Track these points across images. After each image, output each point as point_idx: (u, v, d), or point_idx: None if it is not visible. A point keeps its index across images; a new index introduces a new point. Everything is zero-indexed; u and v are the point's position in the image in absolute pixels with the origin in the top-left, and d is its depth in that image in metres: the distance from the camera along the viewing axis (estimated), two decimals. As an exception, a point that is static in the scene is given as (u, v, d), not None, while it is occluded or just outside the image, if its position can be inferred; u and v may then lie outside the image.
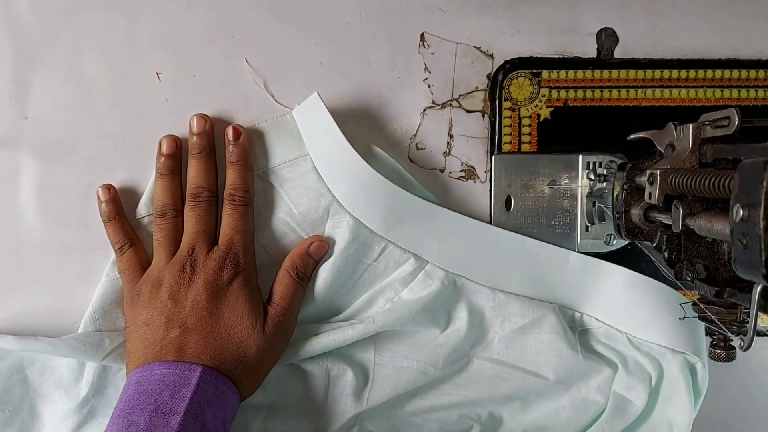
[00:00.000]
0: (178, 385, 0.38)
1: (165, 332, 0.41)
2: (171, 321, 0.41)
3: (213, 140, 0.46)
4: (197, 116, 0.46)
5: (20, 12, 0.47)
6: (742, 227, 0.26)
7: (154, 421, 0.36)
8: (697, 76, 0.48)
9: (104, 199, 0.45)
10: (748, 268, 0.26)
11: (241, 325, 0.42)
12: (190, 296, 0.42)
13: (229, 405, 0.40)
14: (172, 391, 0.37)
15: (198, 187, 0.44)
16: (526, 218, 0.48)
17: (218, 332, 0.41)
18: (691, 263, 0.36)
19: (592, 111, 0.48)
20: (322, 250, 0.46)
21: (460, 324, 0.46)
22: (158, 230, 0.44)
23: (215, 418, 0.38)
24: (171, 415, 0.36)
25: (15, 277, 0.47)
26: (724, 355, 0.37)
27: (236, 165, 0.45)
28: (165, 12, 0.47)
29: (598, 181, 0.45)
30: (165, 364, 0.39)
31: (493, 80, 0.48)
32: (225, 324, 0.42)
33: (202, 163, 0.45)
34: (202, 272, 0.42)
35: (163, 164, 0.45)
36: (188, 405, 0.37)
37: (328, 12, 0.48)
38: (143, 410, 0.37)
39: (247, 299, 0.43)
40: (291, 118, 0.47)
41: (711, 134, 0.35)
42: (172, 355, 0.40)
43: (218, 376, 0.40)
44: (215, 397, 0.39)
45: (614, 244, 0.47)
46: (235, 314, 0.42)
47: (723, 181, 0.29)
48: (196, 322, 0.41)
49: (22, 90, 0.47)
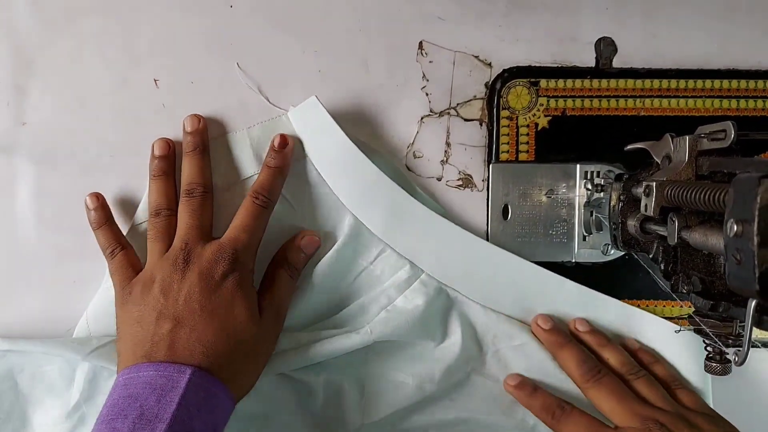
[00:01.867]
0: (166, 388, 0.36)
1: (156, 328, 0.39)
2: (162, 316, 0.40)
3: (207, 138, 0.46)
4: (190, 116, 0.46)
5: (19, 18, 0.47)
6: (736, 242, 0.25)
7: (138, 428, 0.35)
8: (696, 86, 0.48)
9: (92, 206, 0.45)
10: (741, 283, 0.26)
11: (235, 319, 0.41)
12: (184, 289, 0.41)
13: (221, 409, 0.39)
14: (159, 395, 0.36)
15: (192, 183, 0.44)
16: (523, 227, 0.48)
17: (211, 326, 0.40)
18: (687, 275, 0.36)
19: (590, 120, 0.48)
20: (314, 245, 0.45)
21: (455, 338, 0.46)
22: (152, 228, 0.44)
23: (205, 424, 0.37)
24: (156, 421, 0.35)
25: (11, 282, 0.47)
26: (720, 369, 0.37)
27: (272, 170, 0.44)
28: (163, 18, 0.47)
29: (595, 191, 0.45)
30: (153, 365, 0.38)
31: (491, 89, 0.48)
32: (219, 317, 0.40)
33: (196, 160, 0.45)
34: (196, 264, 0.41)
35: (156, 166, 0.45)
36: (175, 410, 0.36)
37: (327, 19, 0.48)
38: (127, 416, 0.35)
39: (243, 296, 0.41)
40: (287, 120, 0.47)
41: (707, 146, 0.35)
42: (162, 353, 0.38)
43: (209, 378, 0.38)
44: (205, 402, 0.37)
45: (611, 254, 0.47)
46: (229, 308, 0.41)
47: (718, 194, 0.29)
48: (189, 315, 0.40)
49: (19, 95, 0.47)
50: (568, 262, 0.48)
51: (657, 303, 0.47)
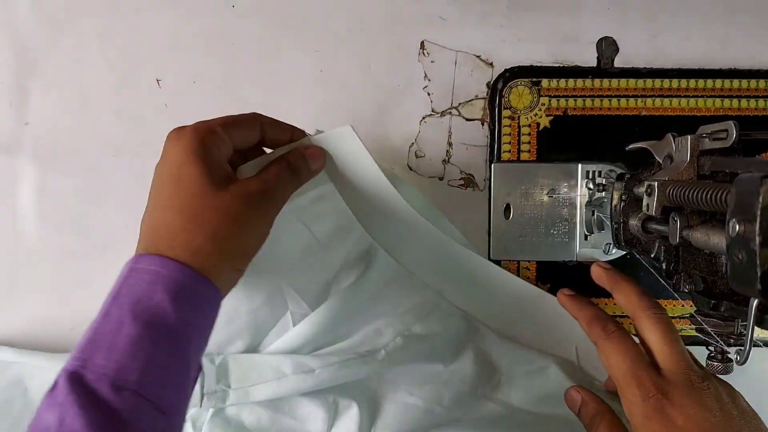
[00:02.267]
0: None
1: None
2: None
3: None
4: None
5: (21, 18, 0.47)
6: (738, 242, 0.25)
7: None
8: (697, 85, 0.48)
9: None
10: (743, 283, 0.26)
11: (182, 184, 0.33)
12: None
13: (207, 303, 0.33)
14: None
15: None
16: (524, 227, 0.48)
17: (157, 201, 0.34)
18: (689, 275, 0.36)
19: (591, 120, 0.48)
20: (320, 158, 0.39)
21: (467, 362, 0.45)
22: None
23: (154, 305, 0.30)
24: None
25: (13, 282, 0.47)
26: (721, 368, 0.37)
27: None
28: (165, 18, 0.47)
29: (597, 191, 0.45)
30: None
31: (492, 88, 0.48)
32: (167, 188, 0.34)
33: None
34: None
35: None
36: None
37: (328, 19, 0.48)
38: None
39: (195, 159, 0.33)
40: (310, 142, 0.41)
41: (709, 146, 0.35)
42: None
43: (148, 257, 0.32)
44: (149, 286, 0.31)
45: (613, 253, 0.47)
46: (177, 174, 0.33)
47: (720, 194, 0.29)
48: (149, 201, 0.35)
49: (22, 95, 0.47)
50: (570, 262, 0.48)
51: (658, 302, 0.47)
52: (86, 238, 0.47)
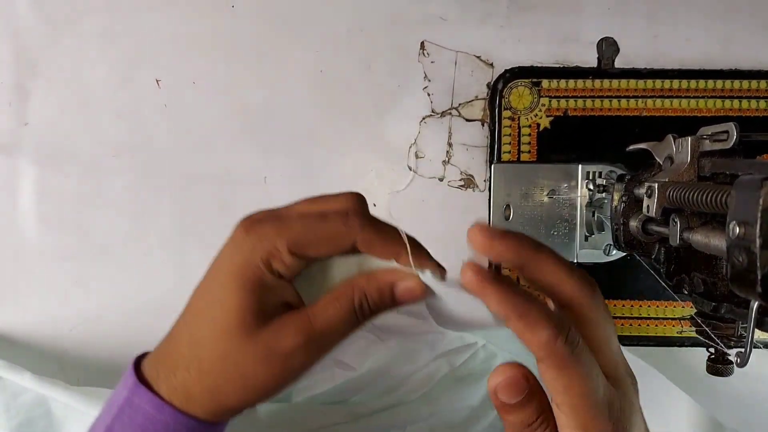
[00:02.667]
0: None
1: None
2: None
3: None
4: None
5: (21, 18, 0.47)
6: (739, 244, 0.25)
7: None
8: (698, 86, 0.48)
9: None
10: (743, 285, 0.26)
11: (204, 318, 0.29)
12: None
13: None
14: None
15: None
16: (525, 227, 0.48)
17: (182, 320, 0.30)
18: (689, 277, 0.36)
19: (592, 120, 0.48)
20: (413, 298, 0.28)
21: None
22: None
23: None
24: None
25: (12, 282, 0.47)
26: (722, 370, 0.36)
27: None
28: (165, 18, 0.47)
29: (597, 192, 0.45)
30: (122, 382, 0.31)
31: (492, 89, 0.48)
32: (191, 310, 0.30)
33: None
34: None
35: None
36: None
37: (328, 19, 0.48)
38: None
39: (236, 287, 0.28)
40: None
41: (710, 148, 0.35)
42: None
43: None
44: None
45: (613, 254, 0.47)
46: (201, 296, 0.29)
47: (720, 196, 0.29)
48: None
49: (22, 96, 0.47)
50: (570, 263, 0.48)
51: (658, 304, 0.47)
52: (86, 238, 0.47)
